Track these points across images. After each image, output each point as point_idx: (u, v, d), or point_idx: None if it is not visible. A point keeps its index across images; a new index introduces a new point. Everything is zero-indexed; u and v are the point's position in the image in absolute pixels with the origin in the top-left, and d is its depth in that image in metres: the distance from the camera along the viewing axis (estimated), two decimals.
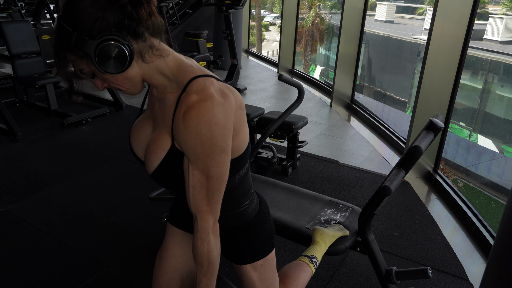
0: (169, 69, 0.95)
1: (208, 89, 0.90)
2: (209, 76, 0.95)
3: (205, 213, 0.98)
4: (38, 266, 2.10)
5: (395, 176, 1.53)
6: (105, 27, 0.85)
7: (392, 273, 1.73)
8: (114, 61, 0.87)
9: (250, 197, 1.19)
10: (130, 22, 0.86)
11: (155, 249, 2.25)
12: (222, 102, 0.90)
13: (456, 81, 2.98)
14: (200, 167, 0.93)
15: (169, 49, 0.96)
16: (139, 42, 0.90)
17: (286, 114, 2.64)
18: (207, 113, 0.87)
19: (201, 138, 0.89)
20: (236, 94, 0.99)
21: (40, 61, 4.22)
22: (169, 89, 0.97)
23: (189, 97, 0.89)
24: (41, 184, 2.92)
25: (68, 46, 0.87)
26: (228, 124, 0.92)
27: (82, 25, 0.85)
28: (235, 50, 5.66)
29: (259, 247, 1.25)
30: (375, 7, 7.82)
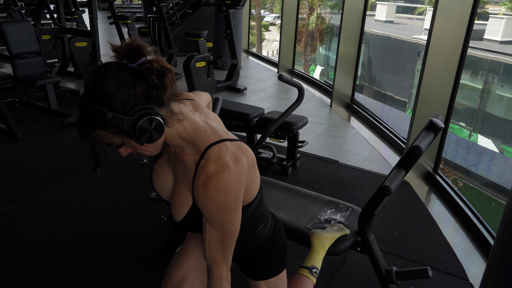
0: (187, 133, 1.04)
1: (223, 158, 1.01)
2: (223, 141, 1.05)
3: (220, 265, 1.09)
4: (38, 266, 2.10)
5: (395, 176, 1.53)
6: (136, 102, 0.92)
7: (392, 273, 1.73)
8: (153, 133, 0.94)
9: (264, 220, 1.28)
10: (156, 92, 0.94)
11: (155, 249, 2.25)
12: (236, 170, 1.02)
13: (456, 81, 2.98)
14: (216, 226, 1.05)
15: (186, 113, 1.04)
16: (163, 109, 0.97)
17: (286, 114, 2.64)
18: (223, 184, 0.99)
19: (217, 204, 1.01)
20: (248, 153, 1.09)
21: (40, 61, 4.22)
22: (187, 151, 1.07)
23: (207, 168, 1.00)
24: (41, 184, 2.92)
25: (99, 124, 0.92)
26: (241, 188, 1.05)
27: (115, 105, 0.90)
28: (235, 50, 5.65)
29: (273, 265, 1.36)
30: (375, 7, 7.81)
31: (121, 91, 0.90)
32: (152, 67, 0.92)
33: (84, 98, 0.92)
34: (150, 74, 0.91)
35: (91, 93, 0.91)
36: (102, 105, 0.90)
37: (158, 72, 0.92)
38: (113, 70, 0.92)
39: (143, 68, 0.92)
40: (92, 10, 4.33)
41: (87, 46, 5.94)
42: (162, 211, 2.55)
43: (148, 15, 9.26)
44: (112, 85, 0.90)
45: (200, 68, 5.02)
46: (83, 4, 12.02)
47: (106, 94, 0.90)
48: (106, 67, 0.93)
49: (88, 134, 0.95)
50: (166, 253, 2.14)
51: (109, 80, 0.90)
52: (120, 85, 0.90)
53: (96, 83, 0.91)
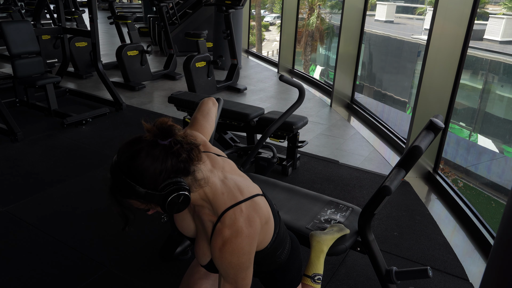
0: (207, 196, 1.12)
1: (237, 223, 1.10)
2: (238, 203, 1.13)
3: None
4: (38, 266, 2.10)
5: (395, 176, 1.53)
6: (166, 177, 0.99)
7: (392, 273, 1.73)
8: (181, 205, 1.03)
9: (283, 245, 1.36)
10: (184, 165, 1.01)
11: (155, 249, 2.25)
12: (249, 233, 1.11)
13: (456, 81, 2.98)
14: (229, 281, 1.15)
15: (207, 177, 1.11)
16: (188, 178, 1.04)
17: (286, 114, 2.63)
18: (237, 248, 1.09)
19: (231, 265, 1.11)
20: (261, 211, 1.17)
21: (40, 61, 4.22)
22: (206, 211, 1.16)
23: (223, 232, 1.10)
24: (41, 184, 2.92)
25: (131, 196, 1.00)
26: (253, 248, 1.15)
27: (147, 181, 0.98)
28: (235, 50, 5.65)
29: (291, 281, 1.46)
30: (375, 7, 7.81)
31: (153, 168, 0.97)
32: (182, 148, 1.00)
33: (117, 170, 0.99)
34: (181, 153, 0.99)
35: (125, 168, 0.98)
36: (135, 181, 0.98)
37: (187, 150, 1.01)
38: (146, 149, 0.98)
39: (175, 149, 0.99)
40: (92, 10, 4.33)
41: (87, 46, 5.94)
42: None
43: (148, 15, 9.26)
44: (145, 163, 0.97)
45: (200, 68, 5.02)
46: (83, 4, 12.01)
47: (139, 171, 0.97)
48: (140, 144, 0.98)
49: (119, 201, 1.03)
50: (166, 253, 2.14)
51: (142, 158, 0.97)
52: (152, 163, 0.97)
53: (130, 159, 0.98)
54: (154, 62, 7.16)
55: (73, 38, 5.78)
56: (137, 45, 5.70)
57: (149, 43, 6.60)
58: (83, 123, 4.11)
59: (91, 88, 5.42)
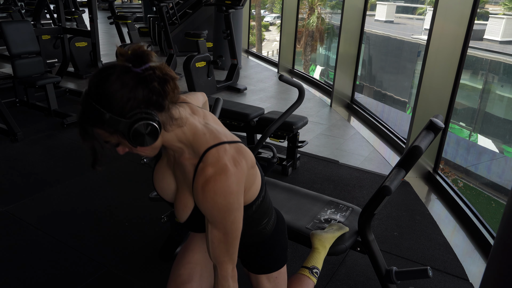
0: (186, 136, 1.05)
1: (222, 160, 1.01)
2: (222, 144, 1.05)
3: (224, 263, 1.11)
4: (38, 266, 2.10)
5: (395, 176, 1.53)
6: (135, 106, 0.92)
7: (392, 273, 1.73)
8: (147, 137, 0.95)
9: (268, 215, 1.30)
10: (157, 97, 0.94)
11: (155, 249, 2.25)
12: (235, 172, 1.02)
13: (456, 81, 2.98)
14: (217, 226, 1.06)
15: (185, 117, 1.04)
16: (162, 114, 0.97)
17: (286, 114, 2.63)
18: (222, 186, 1.00)
19: (218, 206, 1.02)
20: (247, 155, 1.09)
21: (40, 61, 4.22)
22: (186, 155, 1.07)
23: (206, 170, 1.01)
24: (41, 184, 2.92)
25: (97, 123, 0.94)
26: (241, 189, 1.05)
27: (114, 106, 0.92)
28: (235, 50, 5.65)
29: (276, 259, 1.38)
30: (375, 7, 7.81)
31: (121, 94, 0.91)
32: (154, 74, 0.93)
33: (85, 96, 0.94)
34: (152, 80, 0.93)
35: (93, 93, 0.93)
36: (101, 105, 0.92)
37: (160, 79, 0.94)
38: (117, 73, 0.92)
39: (146, 74, 0.93)
40: (92, 10, 4.33)
41: (87, 46, 5.94)
42: (162, 211, 2.55)
43: (148, 15, 9.26)
44: (113, 87, 0.91)
45: (200, 68, 5.02)
46: (83, 4, 12.01)
47: (106, 94, 0.91)
48: (111, 69, 0.93)
49: (87, 131, 0.97)
50: (166, 253, 2.14)
51: (111, 82, 0.91)
52: (121, 88, 0.91)
53: (98, 83, 0.92)
54: None
55: (73, 38, 5.78)
56: None
57: (149, 43, 6.59)
58: None
59: None
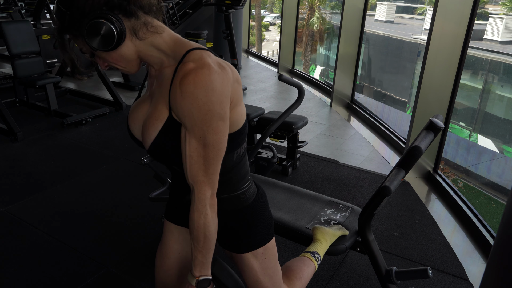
0: (166, 44, 0.96)
1: (205, 59, 0.91)
2: (206, 50, 0.96)
3: (202, 184, 0.97)
4: (38, 266, 2.10)
5: (395, 176, 1.52)
6: (96, 6, 0.87)
7: (392, 273, 1.73)
8: (102, 38, 0.88)
9: (248, 181, 1.19)
10: (120, 1, 0.88)
11: (155, 249, 2.24)
12: (219, 71, 0.91)
13: (456, 81, 2.98)
14: (197, 134, 0.92)
15: (165, 26, 0.97)
16: (132, 20, 0.91)
17: (286, 114, 2.63)
18: (203, 79, 0.88)
19: (197, 103, 0.88)
20: (232, 68, 0.99)
21: (40, 61, 4.22)
22: (166, 64, 0.97)
23: (186, 65, 0.90)
24: (41, 184, 2.92)
25: (63, 26, 0.91)
26: (225, 91, 0.92)
27: (75, 5, 0.88)
28: (235, 50, 5.65)
29: (259, 235, 1.23)
30: (375, 7, 7.81)
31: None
32: None
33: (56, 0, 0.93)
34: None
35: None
36: (64, 6, 0.90)
37: None
38: None
39: None
40: None
41: None
42: (162, 211, 2.55)
43: None
44: None
45: None
46: None
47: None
48: None
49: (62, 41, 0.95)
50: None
51: None
52: None
53: None
54: None
55: None
56: None
57: None
58: (83, 123, 4.11)
59: (91, 88, 5.42)
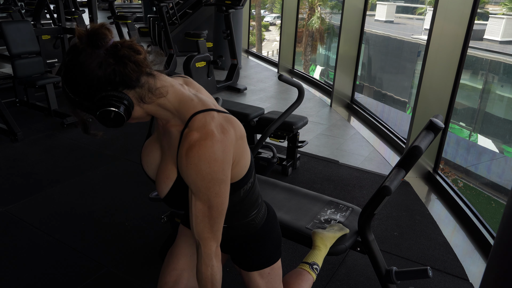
0: (171, 104, 1.00)
1: (208, 126, 0.97)
2: (209, 110, 1.00)
3: (208, 240, 1.05)
4: (38, 266, 2.10)
5: (395, 176, 1.53)
6: (100, 88, 0.91)
7: (392, 273, 1.73)
8: (113, 120, 0.94)
9: (257, 206, 1.24)
10: (120, 78, 0.91)
11: (155, 249, 2.25)
12: (221, 139, 0.97)
13: (456, 81, 2.98)
14: (201, 198, 1.00)
15: (169, 84, 1.00)
16: (137, 89, 0.95)
17: (286, 114, 2.63)
18: (207, 151, 0.95)
19: (201, 174, 0.96)
20: (236, 125, 1.04)
21: (40, 61, 4.22)
22: (173, 122, 1.03)
23: (191, 135, 0.96)
24: (41, 184, 2.92)
25: (72, 105, 0.96)
26: (227, 158, 0.99)
27: (80, 91, 0.92)
28: (235, 50, 5.65)
29: (267, 255, 1.30)
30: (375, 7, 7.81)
31: (83, 78, 0.90)
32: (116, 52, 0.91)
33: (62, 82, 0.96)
34: (115, 59, 0.91)
35: (63, 78, 0.94)
36: (70, 91, 0.93)
37: (123, 56, 0.91)
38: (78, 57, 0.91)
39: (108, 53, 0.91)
40: (92, 10, 4.33)
41: None
42: (162, 211, 2.55)
43: (148, 15, 9.26)
44: (75, 72, 0.91)
45: (200, 68, 5.02)
46: (83, 4, 12.01)
47: (72, 80, 0.92)
48: (73, 52, 0.92)
49: (72, 108, 0.99)
50: (166, 253, 2.14)
51: (73, 66, 0.91)
52: (83, 72, 0.90)
53: (65, 69, 0.93)
54: None
55: (73, 38, 5.78)
56: None
57: (149, 43, 6.60)
58: None
59: None
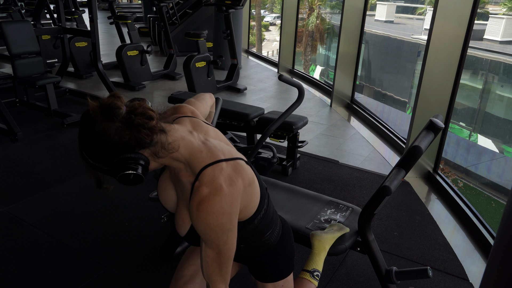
0: (182, 156, 1.07)
1: (217, 180, 1.03)
2: (218, 162, 1.06)
3: (217, 283, 1.12)
4: (38, 266, 2.10)
5: (395, 176, 1.53)
6: (117, 152, 0.98)
7: (392, 273, 1.73)
8: (133, 180, 1.02)
9: (272, 226, 1.30)
10: (136, 142, 0.98)
11: (155, 249, 2.25)
12: (229, 192, 1.04)
13: (456, 81, 2.98)
14: (211, 246, 1.08)
15: (180, 137, 1.06)
16: (151, 148, 1.01)
17: (286, 114, 2.63)
18: (215, 206, 1.02)
19: (210, 226, 1.04)
20: (244, 173, 1.10)
21: (40, 61, 4.22)
22: (184, 172, 1.11)
23: (201, 190, 1.03)
24: (41, 184, 2.92)
25: (90, 167, 1.03)
26: (234, 209, 1.07)
27: (99, 158, 0.99)
28: (235, 50, 5.65)
29: (282, 268, 1.40)
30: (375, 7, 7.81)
31: (101, 146, 0.97)
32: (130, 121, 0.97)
33: (78, 146, 1.02)
34: (130, 127, 0.97)
35: (81, 145, 1.01)
36: (89, 156, 1.00)
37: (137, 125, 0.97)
38: (92, 128, 0.97)
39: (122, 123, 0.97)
40: (92, 10, 4.32)
41: (87, 46, 5.94)
42: (162, 211, 2.55)
43: (148, 15, 9.26)
44: (91, 142, 0.98)
45: (200, 68, 5.02)
46: (83, 4, 12.01)
47: (90, 147, 0.99)
48: (85, 124, 0.99)
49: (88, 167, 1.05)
50: (166, 253, 2.14)
51: (90, 135, 0.98)
52: (99, 142, 0.97)
53: (82, 137, 0.99)
54: (154, 62, 7.16)
55: (73, 38, 5.78)
56: (137, 45, 5.70)
57: (149, 43, 6.60)
58: None
59: (91, 88, 5.42)
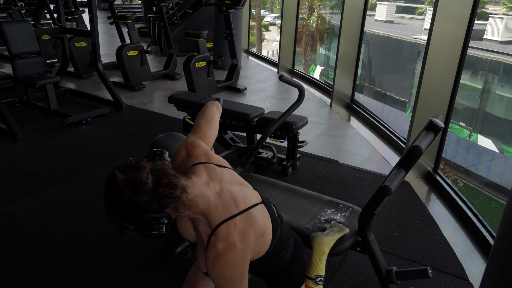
0: (201, 211, 1.16)
1: (230, 237, 1.14)
2: (232, 217, 1.15)
3: None
4: (38, 266, 2.10)
5: (395, 176, 1.52)
6: (144, 214, 1.05)
7: (392, 273, 1.73)
8: (158, 237, 1.10)
9: (285, 247, 1.38)
10: (159, 206, 1.06)
11: (155, 249, 2.25)
12: (242, 247, 1.14)
13: (456, 81, 2.98)
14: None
15: (199, 194, 1.13)
16: (173, 205, 1.08)
17: (286, 114, 2.63)
18: (229, 261, 1.12)
19: (224, 278, 1.14)
20: (256, 225, 1.19)
21: (40, 61, 4.22)
22: (202, 223, 1.19)
23: (216, 246, 1.13)
24: (41, 184, 2.92)
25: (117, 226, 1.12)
26: (246, 261, 1.17)
27: (126, 219, 1.08)
28: (235, 50, 5.65)
29: (294, 280, 1.49)
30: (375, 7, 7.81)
31: (129, 212, 1.05)
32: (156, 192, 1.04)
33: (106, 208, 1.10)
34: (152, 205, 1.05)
35: (106, 204, 1.08)
36: (116, 217, 1.09)
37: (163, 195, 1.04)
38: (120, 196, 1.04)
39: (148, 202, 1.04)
40: (92, 10, 4.33)
41: (87, 46, 5.94)
42: None
43: (148, 15, 9.26)
44: (120, 207, 1.06)
45: (200, 68, 5.02)
46: (83, 4, 12.01)
47: (116, 211, 1.07)
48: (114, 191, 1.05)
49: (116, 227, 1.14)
50: (166, 253, 2.14)
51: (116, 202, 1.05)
52: (128, 208, 1.05)
53: (109, 202, 1.07)
54: (154, 62, 7.16)
55: (73, 38, 5.78)
56: (137, 45, 5.70)
57: (149, 43, 6.60)
58: (83, 123, 4.11)
59: (91, 88, 5.42)
